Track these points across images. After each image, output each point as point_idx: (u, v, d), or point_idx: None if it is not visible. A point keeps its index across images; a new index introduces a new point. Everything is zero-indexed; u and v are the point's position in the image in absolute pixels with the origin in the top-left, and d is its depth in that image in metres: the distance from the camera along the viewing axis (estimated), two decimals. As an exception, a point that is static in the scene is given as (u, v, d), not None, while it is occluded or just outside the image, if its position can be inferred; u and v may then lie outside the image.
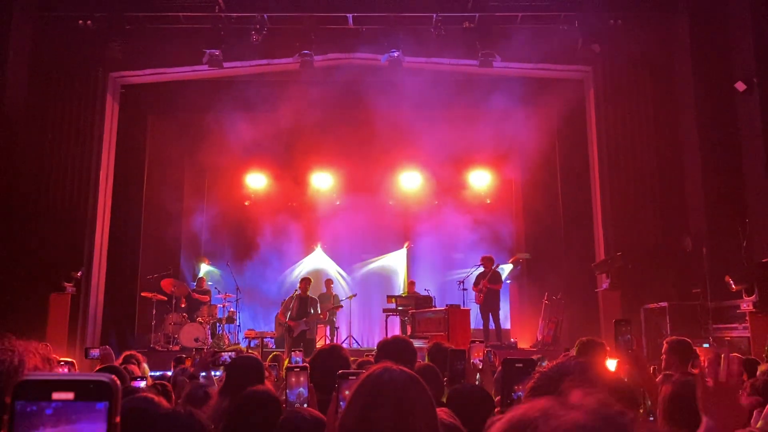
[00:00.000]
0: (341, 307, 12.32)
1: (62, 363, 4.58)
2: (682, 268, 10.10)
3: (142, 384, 3.55)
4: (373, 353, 4.78)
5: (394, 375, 1.64)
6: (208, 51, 10.77)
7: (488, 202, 14.36)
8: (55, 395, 0.64)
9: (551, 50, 11.05)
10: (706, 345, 8.11)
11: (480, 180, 14.41)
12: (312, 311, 10.99)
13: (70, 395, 0.64)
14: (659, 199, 10.64)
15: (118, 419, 0.65)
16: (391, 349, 3.45)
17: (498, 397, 1.56)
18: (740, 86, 9.40)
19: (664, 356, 4.43)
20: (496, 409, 1.54)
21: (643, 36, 10.88)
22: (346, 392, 2.24)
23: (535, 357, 6.28)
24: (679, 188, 10.61)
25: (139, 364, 5.91)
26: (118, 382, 0.67)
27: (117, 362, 5.67)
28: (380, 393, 1.59)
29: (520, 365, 1.54)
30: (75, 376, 0.66)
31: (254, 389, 2.69)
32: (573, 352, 4.53)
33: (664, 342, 4.59)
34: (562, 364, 1.30)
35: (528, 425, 0.74)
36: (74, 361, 5.79)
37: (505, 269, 13.09)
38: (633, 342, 2.45)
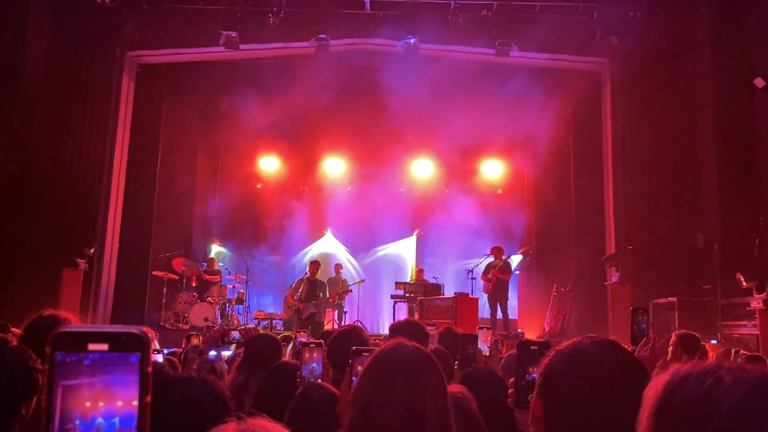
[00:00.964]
0: (350, 291, 12.38)
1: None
2: (693, 264, 10.06)
3: (159, 358, 3.62)
4: (382, 338, 4.84)
5: (406, 350, 1.67)
6: (224, 33, 10.78)
7: (499, 192, 14.34)
8: (91, 346, 0.67)
9: (568, 41, 10.98)
10: (713, 341, 8.11)
11: (492, 170, 14.38)
12: (321, 295, 11.08)
13: (104, 346, 0.67)
14: (672, 194, 10.58)
15: (150, 369, 0.68)
16: (403, 330, 3.49)
17: (511, 379, 1.58)
18: (759, 83, 9.29)
19: (671, 348, 4.45)
20: (510, 390, 1.56)
21: (661, 29, 10.77)
22: (359, 368, 2.30)
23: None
24: (693, 184, 10.54)
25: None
26: (149, 334, 0.71)
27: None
28: (393, 367, 1.62)
29: (535, 347, 1.56)
30: (108, 328, 0.69)
31: (282, 362, 2.75)
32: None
33: (673, 334, 4.62)
34: (578, 342, 1.31)
35: (707, 374, 0.72)
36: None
37: (515, 260, 13.09)
38: (649, 330, 2.45)
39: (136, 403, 0.67)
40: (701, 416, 0.72)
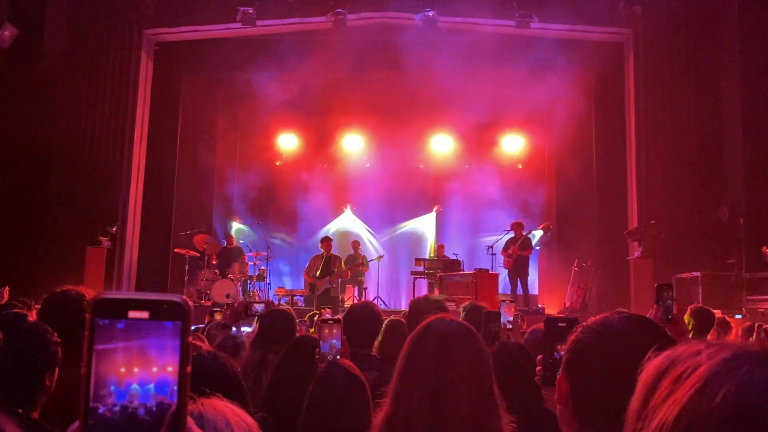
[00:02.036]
0: (367, 268, 12.40)
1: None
2: (717, 238, 9.91)
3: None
4: (401, 314, 4.84)
5: (447, 325, 1.67)
6: (241, 9, 10.71)
7: (520, 166, 14.19)
8: (131, 314, 0.66)
9: (590, 12, 10.73)
10: (738, 316, 8.00)
11: (512, 144, 14.22)
12: (335, 270, 11.20)
13: (145, 314, 0.66)
14: (697, 166, 10.38)
15: (190, 339, 0.67)
16: (422, 306, 3.48)
17: (539, 357, 1.55)
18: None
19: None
20: (538, 368, 1.53)
21: (687, -2, 10.49)
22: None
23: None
24: (717, 156, 10.33)
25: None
26: (190, 302, 0.69)
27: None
28: (422, 344, 1.62)
29: (563, 324, 1.52)
30: (149, 296, 0.67)
31: (302, 336, 2.75)
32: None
33: (688, 308, 4.59)
34: (607, 318, 1.27)
35: (690, 354, 0.70)
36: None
37: (536, 235, 13.00)
38: (674, 307, 2.40)
39: (171, 369, 0.65)
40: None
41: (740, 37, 9.88)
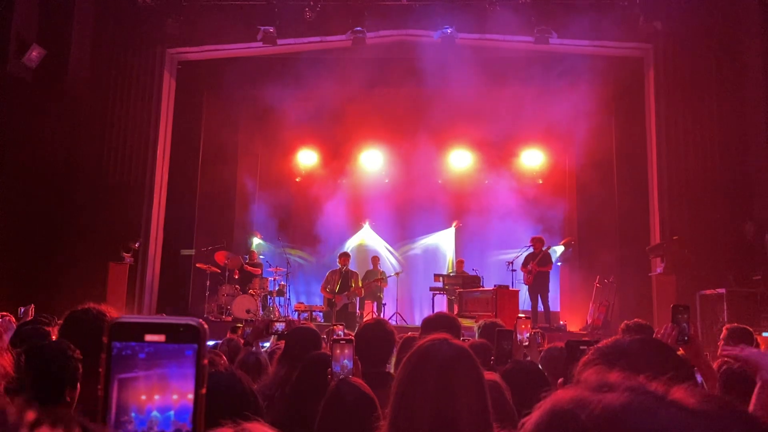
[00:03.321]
0: (386, 283, 12.38)
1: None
2: (742, 254, 9.73)
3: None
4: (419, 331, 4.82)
5: (441, 348, 1.63)
6: (262, 28, 10.87)
7: (540, 182, 14.11)
8: (148, 337, 0.67)
9: (610, 27, 10.69)
10: (765, 334, 7.83)
11: (532, 159, 14.17)
12: (353, 285, 11.22)
13: (161, 337, 0.67)
14: (720, 182, 10.22)
15: (206, 362, 0.68)
16: (435, 325, 3.47)
17: (559, 380, 1.53)
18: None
19: (721, 342, 4.30)
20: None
21: (708, 12, 10.40)
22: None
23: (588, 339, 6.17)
24: (742, 171, 10.17)
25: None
26: (206, 326, 0.70)
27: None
28: (424, 368, 1.59)
29: (584, 348, 1.51)
30: (166, 320, 0.69)
31: (318, 353, 2.76)
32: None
33: (724, 328, 4.45)
34: (618, 340, 1.26)
35: (566, 417, 0.66)
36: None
37: (557, 251, 12.89)
38: (690, 329, 2.36)
39: (191, 396, 0.66)
40: None
41: (763, 51, 9.77)
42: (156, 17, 11.00)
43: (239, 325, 7.31)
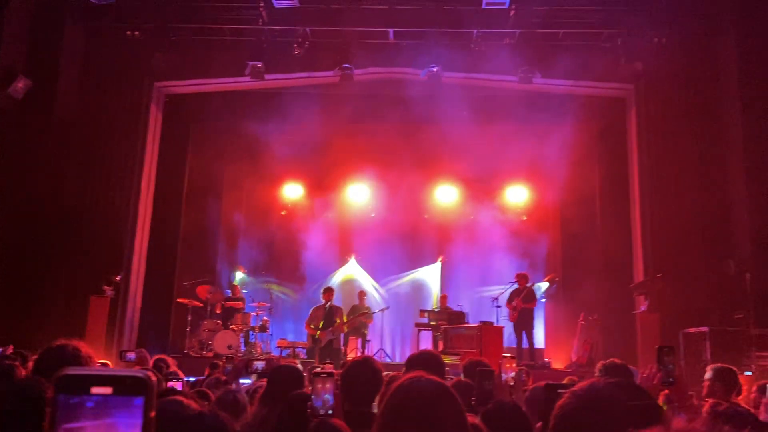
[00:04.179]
0: (370, 319, 12.29)
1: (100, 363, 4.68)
2: (724, 292, 9.80)
3: (178, 386, 3.60)
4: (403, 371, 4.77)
5: (423, 386, 1.61)
6: (250, 63, 10.97)
7: (524, 218, 14.21)
8: (94, 389, 0.66)
9: (592, 67, 10.94)
10: (748, 373, 7.84)
11: (516, 196, 14.28)
12: (338, 321, 11.12)
13: (108, 390, 0.66)
14: (702, 220, 10.36)
15: (153, 414, 0.67)
16: (418, 362, 3.45)
17: (538, 424, 1.52)
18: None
19: (706, 383, 4.29)
20: None
21: (687, 54, 10.68)
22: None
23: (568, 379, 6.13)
24: (723, 210, 10.31)
25: (168, 369, 5.98)
26: (154, 378, 0.69)
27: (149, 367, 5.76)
28: (407, 406, 1.57)
29: (563, 391, 1.50)
30: (113, 372, 0.68)
31: (299, 393, 2.72)
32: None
33: (708, 368, 4.45)
34: (593, 384, 1.26)
35: None
36: (110, 363, 5.91)
37: (541, 287, 12.92)
38: (675, 370, 2.35)
39: None
40: None
41: (741, 91, 10.00)
42: (144, 51, 11.07)
43: (218, 362, 7.19)
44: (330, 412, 2.33)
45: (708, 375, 4.33)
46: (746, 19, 10.14)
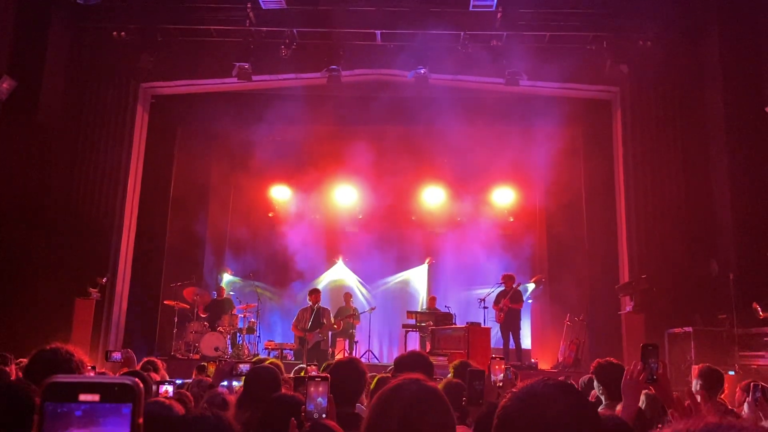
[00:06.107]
0: (358, 321, 12.30)
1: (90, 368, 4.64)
2: (708, 293, 9.91)
3: (168, 388, 3.59)
4: (389, 370, 4.79)
5: (410, 389, 1.63)
6: (237, 64, 10.94)
7: (511, 220, 14.27)
8: (82, 397, 0.67)
9: (579, 70, 11.02)
10: (731, 372, 7.94)
11: (503, 198, 14.34)
12: (324, 322, 11.11)
13: (96, 397, 0.67)
14: (686, 222, 10.47)
15: (141, 420, 0.67)
16: (407, 363, 3.46)
17: None
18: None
19: (693, 380, 4.33)
20: None
21: (672, 57, 10.80)
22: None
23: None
24: (707, 211, 10.43)
25: (157, 371, 5.94)
26: (141, 384, 0.70)
27: (137, 368, 5.73)
28: (393, 409, 1.58)
29: None
30: (100, 379, 0.69)
31: (281, 394, 2.71)
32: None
33: (694, 368, 4.50)
34: (531, 385, 1.31)
35: None
36: (96, 365, 5.87)
37: (528, 288, 12.98)
38: (659, 368, 2.39)
39: None
40: None
41: (725, 93, 10.12)
42: (131, 51, 11.00)
43: (204, 363, 7.16)
44: (324, 415, 2.33)
45: (694, 375, 4.38)
46: (730, 22, 10.27)
